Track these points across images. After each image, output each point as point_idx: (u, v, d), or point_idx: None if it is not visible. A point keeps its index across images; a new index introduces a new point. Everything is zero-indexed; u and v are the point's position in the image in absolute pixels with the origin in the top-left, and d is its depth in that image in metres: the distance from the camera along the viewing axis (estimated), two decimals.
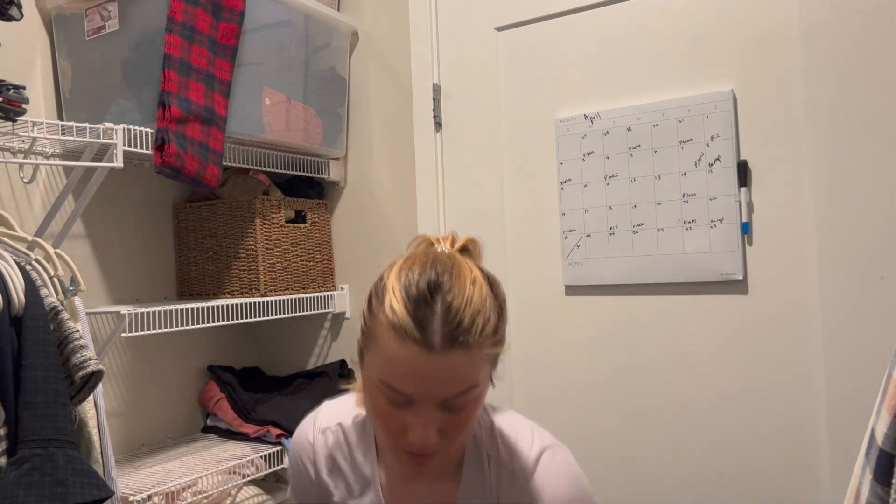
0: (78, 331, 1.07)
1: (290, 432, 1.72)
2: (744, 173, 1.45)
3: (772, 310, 1.43)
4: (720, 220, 1.47)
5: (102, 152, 1.35)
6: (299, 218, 1.88)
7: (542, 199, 1.69)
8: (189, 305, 1.54)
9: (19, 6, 1.13)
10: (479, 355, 0.80)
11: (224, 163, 1.55)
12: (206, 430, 1.87)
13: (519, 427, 0.95)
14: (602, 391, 1.61)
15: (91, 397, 1.11)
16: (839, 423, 1.35)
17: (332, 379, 1.91)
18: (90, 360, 1.04)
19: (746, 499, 1.44)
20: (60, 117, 1.58)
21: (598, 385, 1.61)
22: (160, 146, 1.37)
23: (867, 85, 1.34)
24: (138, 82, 1.47)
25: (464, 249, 0.91)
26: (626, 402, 1.59)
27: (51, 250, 1.17)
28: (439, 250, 0.88)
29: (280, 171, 1.81)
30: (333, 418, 1.04)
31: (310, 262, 1.88)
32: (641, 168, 1.56)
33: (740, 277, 1.46)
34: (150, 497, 1.39)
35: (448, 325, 0.78)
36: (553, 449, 0.93)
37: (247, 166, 1.73)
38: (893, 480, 0.60)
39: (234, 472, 1.60)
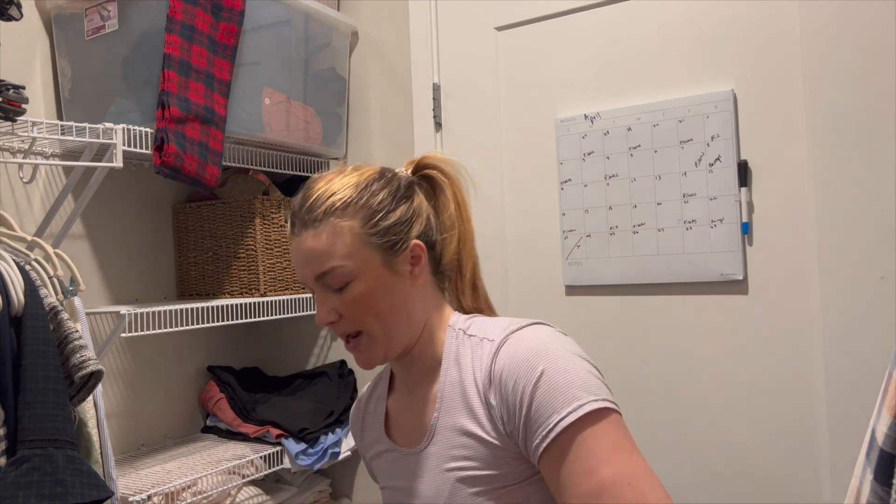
0: (77, 331, 1.07)
1: (289, 432, 1.72)
2: (744, 173, 1.45)
3: (772, 310, 1.43)
4: (720, 220, 1.47)
5: (102, 152, 1.35)
6: None
7: (542, 199, 1.69)
8: (189, 305, 1.54)
9: (19, 6, 1.12)
10: (331, 231, 0.90)
11: (224, 163, 1.55)
12: (206, 430, 1.87)
13: (501, 321, 0.94)
14: None
15: (91, 397, 1.11)
16: (839, 423, 1.35)
17: (331, 379, 1.91)
18: (90, 360, 1.04)
19: (746, 498, 1.44)
20: (60, 117, 1.58)
21: None
22: (159, 146, 1.37)
23: (867, 85, 1.33)
24: (138, 82, 1.47)
25: (423, 173, 1.00)
26: (626, 402, 1.58)
27: (50, 250, 1.17)
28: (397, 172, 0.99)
29: (280, 171, 1.81)
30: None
31: None
32: (641, 168, 1.56)
33: (740, 277, 1.45)
34: (149, 497, 1.39)
35: (301, 209, 0.93)
36: (531, 326, 0.91)
37: (247, 166, 1.73)
38: (894, 481, 0.60)
39: (234, 473, 1.60)
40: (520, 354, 0.86)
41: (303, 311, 1.82)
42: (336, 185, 0.93)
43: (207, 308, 1.58)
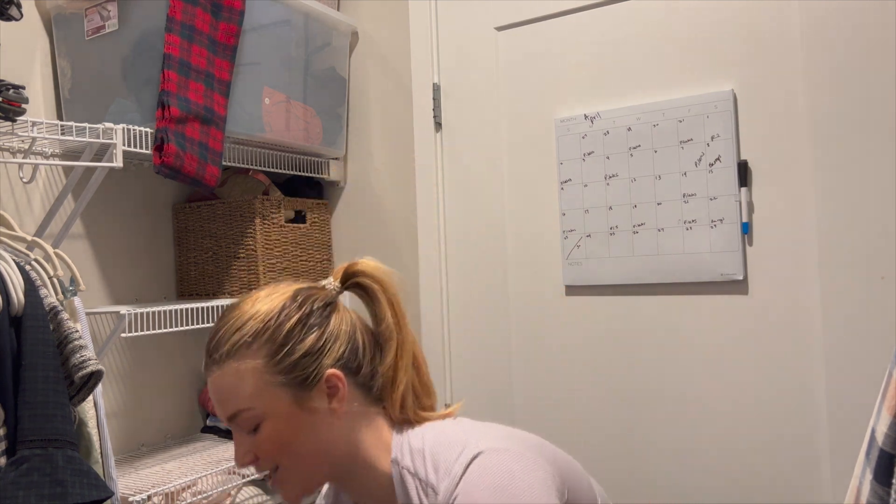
0: (77, 331, 1.07)
1: None
2: (744, 173, 1.45)
3: (772, 310, 1.43)
4: (720, 220, 1.47)
5: (102, 152, 1.35)
6: (299, 218, 1.88)
7: (542, 199, 1.69)
8: (189, 305, 1.54)
9: (19, 6, 1.12)
10: (234, 373, 0.84)
11: (224, 163, 1.55)
12: (206, 430, 1.87)
13: (450, 439, 0.85)
14: (602, 391, 1.61)
15: (91, 397, 1.11)
16: (839, 423, 1.35)
17: None
18: (90, 360, 1.04)
19: (746, 498, 1.44)
20: (60, 117, 1.58)
21: (598, 385, 1.61)
22: (159, 146, 1.37)
23: (867, 85, 1.33)
24: (138, 82, 1.47)
25: (354, 282, 0.93)
26: (626, 402, 1.59)
27: (50, 250, 1.17)
28: (324, 285, 0.93)
29: (280, 171, 1.81)
30: None
31: (310, 262, 1.88)
32: (641, 168, 1.56)
33: (740, 277, 1.45)
34: (149, 497, 1.39)
35: (209, 345, 0.88)
36: (483, 456, 0.80)
37: (247, 166, 1.73)
38: (893, 480, 0.60)
39: (234, 473, 1.60)
40: None
41: None
42: (244, 317, 0.87)
43: (207, 308, 1.58)
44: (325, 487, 1.04)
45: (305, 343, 0.86)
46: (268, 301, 0.88)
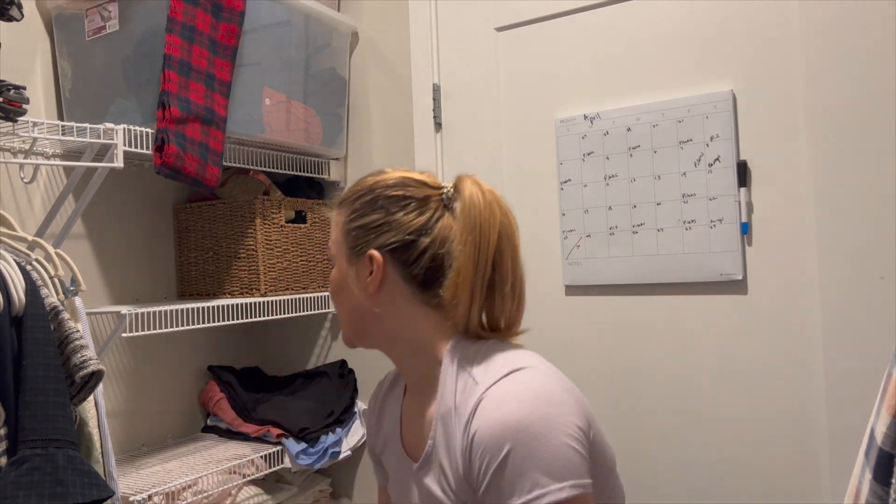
0: (78, 331, 1.07)
1: (290, 432, 1.72)
2: (744, 173, 1.45)
3: (772, 310, 1.43)
4: (720, 220, 1.47)
5: (103, 152, 1.35)
6: (299, 218, 1.88)
7: (541, 199, 1.69)
8: (189, 305, 1.54)
9: (19, 6, 1.13)
10: (334, 219, 1.02)
11: (224, 163, 1.55)
12: (207, 429, 1.87)
13: (505, 353, 0.92)
14: (602, 391, 1.61)
15: (91, 397, 1.11)
16: (839, 422, 1.35)
17: (332, 379, 1.91)
18: (90, 360, 1.04)
19: (746, 498, 1.45)
20: (61, 117, 1.58)
21: (599, 385, 1.61)
22: (160, 146, 1.37)
23: (867, 85, 1.34)
24: (138, 82, 1.47)
25: (455, 188, 0.99)
26: (626, 401, 1.59)
27: (51, 250, 1.17)
28: (440, 185, 1.01)
29: (280, 171, 1.81)
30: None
31: (310, 262, 1.89)
32: (641, 168, 1.56)
33: (740, 277, 1.46)
34: (150, 497, 1.39)
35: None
36: (528, 370, 0.88)
37: (247, 166, 1.73)
38: (893, 480, 0.60)
39: (235, 472, 1.60)
40: (491, 423, 0.83)
41: (303, 311, 1.83)
42: (361, 181, 1.02)
43: (207, 308, 1.58)
44: (388, 376, 1.15)
45: (368, 217, 0.97)
46: (383, 176, 1.00)
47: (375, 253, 0.95)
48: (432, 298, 0.96)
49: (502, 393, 0.85)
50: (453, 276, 0.93)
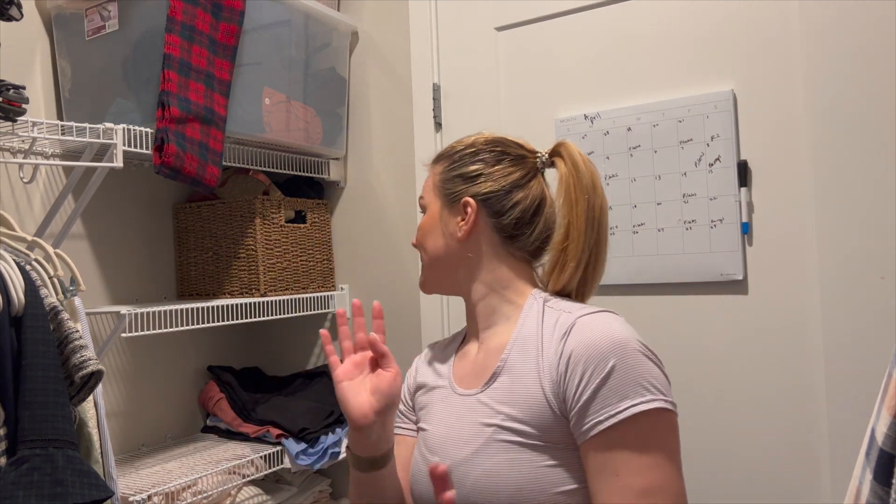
0: (78, 331, 1.07)
1: (290, 432, 1.72)
2: (744, 173, 1.45)
3: (772, 310, 1.43)
4: (720, 220, 1.47)
5: (102, 152, 1.35)
6: (299, 218, 1.88)
7: None
8: (189, 305, 1.54)
9: (19, 6, 1.13)
10: (431, 170, 1.10)
11: (224, 163, 1.55)
12: (206, 430, 1.87)
13: (578, 304, 1.00)
14: None
15: (91, 397, 1.11)
16: (839, 422, 1.35)
17: (332, 379, 1.91)
18: (90, 360, 1.04)
19: (746, 499, 1.44)
20: (60, 117, 1.58)
21: None
22: (160, 146, 1.37)
23: (867, 85, 1.33)
24: (138, 82, 1.47)
25: (554, 159, 1.07)
26: None
27: (51, 250, 1.17)
28: (535, 150, 1.09)
29: (280, 171, 1.81)
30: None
31: (310, 262, 1.88)
32: (641, 168, 1.56)
33: (740, 277, 1.46)
34: (150, 497, 1.39)
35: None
36: (603, 312, 0.96)
37: (247, 166, 1.73)
38: (893, 480, 0.60)
39: (234, 472, 1.60)
40: (594, 338, 0.90)
41: (303, 311, 1.83)
42: (463, 140, 1.10)
43: (207, 308, 1.58)
44: (423, 354, 1.19)
45: (467, 168, 1.05)
46: (482, 135, 1.09)
47: (471, 200, 1.03)
48: (516, 251, 1.05)
49: (599, 320, 0.93)
50: (562, 232, 1.01)
